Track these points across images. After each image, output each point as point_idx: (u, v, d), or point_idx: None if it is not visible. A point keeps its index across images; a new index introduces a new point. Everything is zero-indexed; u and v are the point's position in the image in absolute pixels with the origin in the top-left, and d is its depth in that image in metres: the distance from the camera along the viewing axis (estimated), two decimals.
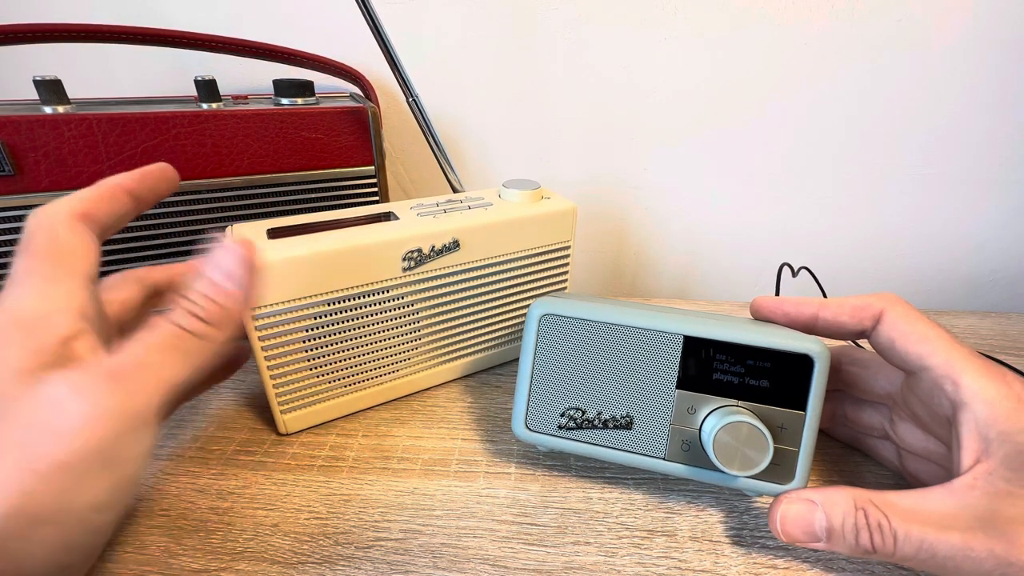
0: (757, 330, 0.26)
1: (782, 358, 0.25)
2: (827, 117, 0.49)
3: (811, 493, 0.24)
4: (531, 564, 0.25)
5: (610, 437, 0.28)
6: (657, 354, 0.27)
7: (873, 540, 0.22)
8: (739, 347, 0.26)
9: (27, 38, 0.33)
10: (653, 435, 0.27)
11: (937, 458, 0.27)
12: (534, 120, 0.51)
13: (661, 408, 0.27)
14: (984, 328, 0.47)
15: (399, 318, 0.33)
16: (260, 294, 0.28)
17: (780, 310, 0.28)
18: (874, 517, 0.22)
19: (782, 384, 0.26)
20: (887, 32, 0.45)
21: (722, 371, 0.26)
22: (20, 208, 0.32)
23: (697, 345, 0.26)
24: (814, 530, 0.23)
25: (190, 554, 0.25)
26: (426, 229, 0.32)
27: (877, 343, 0.26)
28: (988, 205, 0.53)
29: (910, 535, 0.22)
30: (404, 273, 0.32)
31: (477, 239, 0.34)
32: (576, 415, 0.28)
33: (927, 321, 0.25)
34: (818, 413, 0.25)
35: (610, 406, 0.28)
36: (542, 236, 0.36)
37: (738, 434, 0.25)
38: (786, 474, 0.26)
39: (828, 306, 0.27)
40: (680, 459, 0.27)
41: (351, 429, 0.34)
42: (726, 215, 0.55)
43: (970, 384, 0.23)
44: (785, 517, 0.24)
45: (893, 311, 0.26)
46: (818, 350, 0.25)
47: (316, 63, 0.43)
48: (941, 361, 0.24)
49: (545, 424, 0.28)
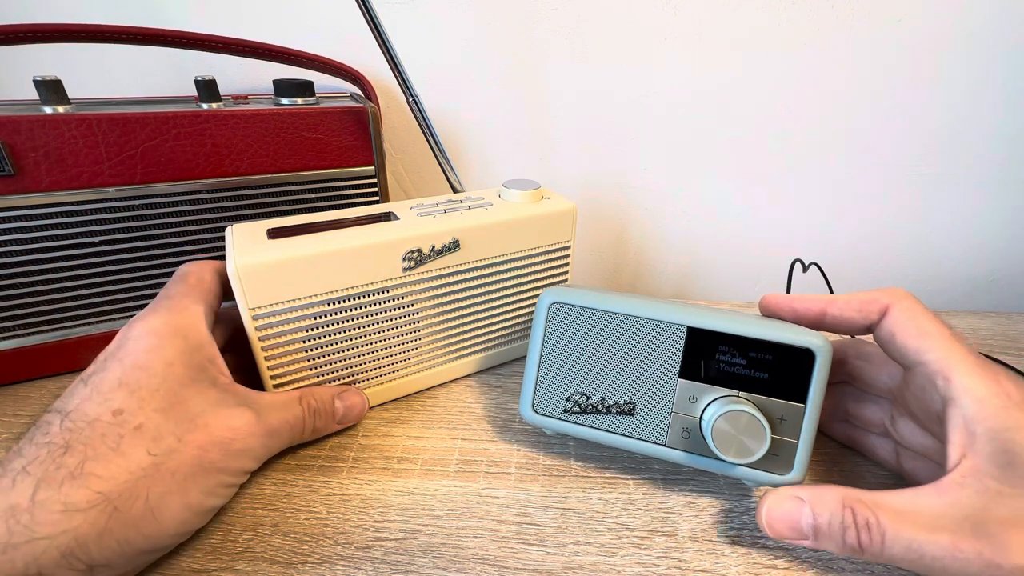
0: (760, 323, 0.27)
1: (784, 351, 0.26)
2: (827, 117, 0.49)
3: (800, 490, 0.24)
4: (531, 564, 0.25)
5: (613, 422, 0.29)
6: (661, 344, 0.27)
7: (860, 539, 0.22)
8: (741, 339, 0.26)
9: (27, 38, 0.33)
10: (655, 422, 0.28)
11: (934, 455, 0.27)
12: (534, 121, 0.51)
13: (663, 396, 0.27)
14: (984, 328, 0.47)
15: (399, 318, 0.33)
16: (261, 294, 0.28)
17: (788, 307, 0.28)
18: (862, 516, 0.22)
19: (783, 376, 0.26)
20: (887, 32, 0.45)
21: (724, 362, 0.27)
22: (20, 208, 0.32)
23: (700, 336, 0.27)
24: (800, 527, 0.24)
25: (190, 554, 0.25)
26: (426, 229, 0.32)
27: (879, 337, 0.27)
28: (988, 205, 0.53)
29: (899, 535, 0.22)
30: (404, 273, 0.32)
31: (477, 239, 0.34)
32: (581, 400, 0.29)
33: (930, 317, 0.25)
34: (818, 406, 0.26)
35: (614, 392, 0.28)
36: (542, 236, 0.36)
37: (737, 423, 0.25)
38: (784, 465, 0.26)
39: (836, 302, 0.27)
40: (680, 446, 0.28)
41: (351, 429, 0.34)
42: (726, 215, 0.55)
43: (960, 380, 0.23)
44: (771, 512, 0.24)
45: (899, 306, 0.26)
46: (819, 344, 0.25)
47: (316, 63, 0.43)
48: (936, 357, 0.24)
49: (551, 407, 0.30)
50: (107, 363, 0.25)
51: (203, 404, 0.25)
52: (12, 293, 0.34)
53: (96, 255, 0.35)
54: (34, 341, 0.36)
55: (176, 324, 0.26)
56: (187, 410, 0.25)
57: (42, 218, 0.33)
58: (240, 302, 0.28)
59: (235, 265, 0.27)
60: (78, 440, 0.22)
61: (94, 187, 0.34)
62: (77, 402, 0.23)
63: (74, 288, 0.35)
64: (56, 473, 0.21)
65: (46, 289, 0.35)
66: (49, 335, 0.36)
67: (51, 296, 0.35)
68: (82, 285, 0.35)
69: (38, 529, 0.20)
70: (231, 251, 0.28)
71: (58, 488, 0.21)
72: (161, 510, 0.23)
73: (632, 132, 0.51)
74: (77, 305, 0.36)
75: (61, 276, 0.35)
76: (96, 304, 0.36)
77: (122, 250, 0.36)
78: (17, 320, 0.35)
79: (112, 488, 0.22)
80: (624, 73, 0.48)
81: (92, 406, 0.23)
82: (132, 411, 0.23)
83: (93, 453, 0.22)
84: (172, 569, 0.25)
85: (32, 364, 0.36)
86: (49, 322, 0.36)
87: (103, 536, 0.21)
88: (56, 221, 0.33)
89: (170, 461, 0.23)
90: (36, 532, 0.20)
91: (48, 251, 0.34)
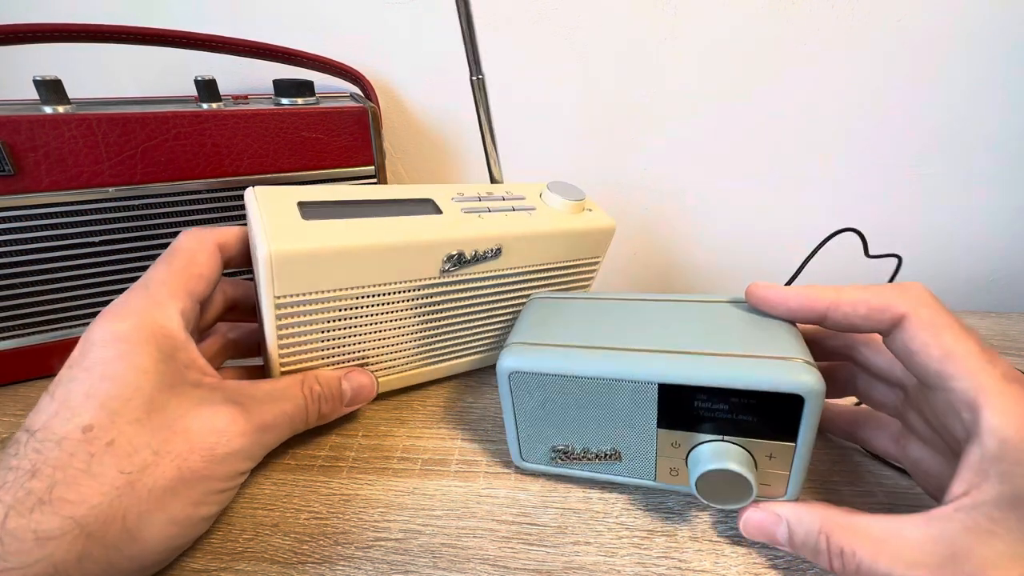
0: (740, 360, 0.24)
1: (769, 397, 0.23)
2: (827, 117, 0.49)
3: (781, 507, 0.24)
4: (531, 564, 0.25)
5: (601, 467, 0.28)
6: (633, 400, 0.25)
7: (832, 565, 0.22)
8: (720, 389, 0.24)
9: (27, 38, 0.33)
10: (641, 465, 0.28)
11: (942, 449, 0.25)
12: (534, 120, 0.51)
13: (645, 444, 0.27)
14: (984, 328, 0.47)
15: (423, 316, 0.32)
16: (290, 283, 0.26)
17: (784, 305, 0.25)
18: (836, 544, 0.22)
19: (770, 418, 0.24)
20: (888, 32, 0.45)
21: (704, 409, 0.25)
22: (20, 208, 0.32)
23: (674, 390, 0.24)
24: (777, 540, 0.24)
25: (190, 554, 0.25)
26: (471, 233, 0.30)
27: (893, 348, 0.24)
28: (988, 205, 0.53)
29: (877, 567, 0.21)
30: (441, 275, 0.31)
31: (520, 247, 0.33)
32: (565, 450, 0.29)
33: (955, 330, 0.22)
34: (811, 441, 0.24)
35: (595, 443, 0.28)
36: (580, 250, 0.36)
37: (721, 478, 0.24)
38: (777, 491, 0.26)
39: (840, 305, 0.24)
40: (671, 481, 0.28)
41: (351, 429, 0.34)
42: (726, 215, 0.55)
43: (988, 418, 0.20)
44: (749, 521, 0.25)
45: (916, 317, 0.22)
46: (809, 387, 0.22)
47: (316, 63, 0.43)
48: (963, 387, 0.21)
49: (538, 458, 0.29)
50: (74, 373, 0.23)
51: (182, 407, 0.24)
52: (12, 293, 0.34)
53: (96, 255, 0.35)
54: (34, 341, 0.36)
55: (148, 329, 0.24)
56: (164, 417, 0.23)
57: (42, 218, 0.33)
58: (264, 286, 0.26)
59: (268, 249, 0.25)
60: (46, 462, 0.20)
61: (94, 187, 0.34)
62: (45, 419, 0.22)
63: (74, 288, 0.35)
64: (26, 499, 0.20)
65: (46, 289, 0.35)
66: (49, 335, 0.36)
67: (51, 296, 0.35)
68: (82, 285, 0.35)
69: (10, 559, 0.19)
70: (260, 227, 0.26)
71: (28, 515, 0.19)
72: (141, 530, 0.21)
73: (631, 132, 0.51)
74: (77, 305, 0.36)
75: (61, 276, 0.35)
76: (96, 304, 0.36)
77: (122, 250, 0.36)
78: (17, 320, 0.35)
79: (85, 512, 0.20)
80: (623, 73, 0.48)
81: (60, 423, 0.21)
82: (103, 426, 0.22)
83: (63, 476, 0.20)
84: (172, 569, 0.25)
85: (32, 364, 0.36)
86: (49, 322, 0.36)
87: (83, 561, 0.20)
88: (56, 221, 0.33)
89: (145, 477, 0.22)
90: (8, 562, 0.19)
91: (48, 251, 0.34)
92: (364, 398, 0.32)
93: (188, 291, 0.26)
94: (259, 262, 0.26)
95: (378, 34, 0.46)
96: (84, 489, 0.21)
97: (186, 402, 0.24)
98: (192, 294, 0.27)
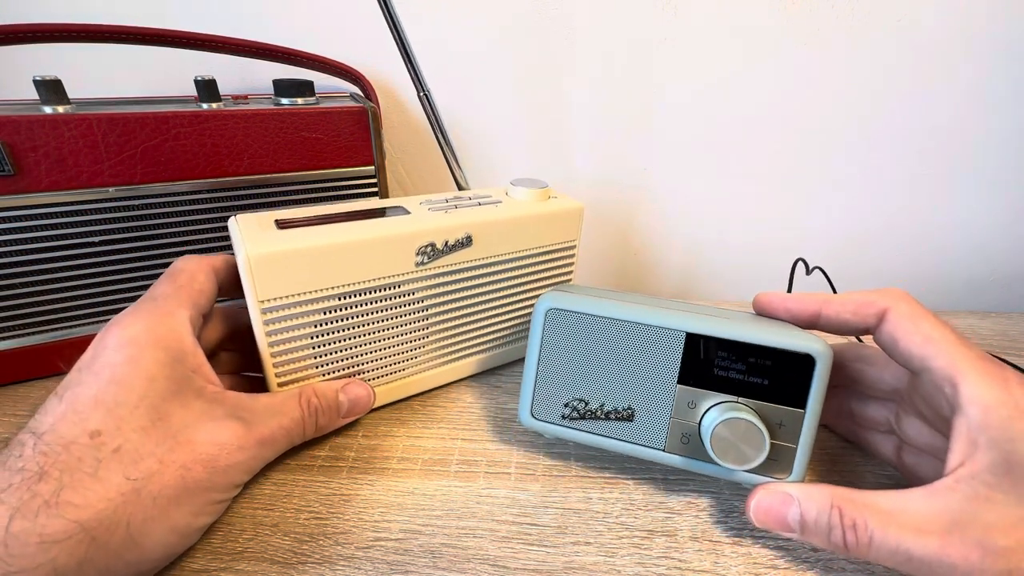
0: (759, 328, 0.26)
1: (784, 357, 0.25)
2: (827, 117, 0.49)
3: (791, 487, 0.25)
4: (531, 564, 0.25)
5: (611, 428, 0.29)
6: (659, 350, 0.27)
7: (846, 539, 0.22)
8: (741, 345, 0.26)
9: (27, 38, 0.33)
10: (653, 427, 0.28)
11: (941, 454, 0.27)
12: (534, 121, 0.51)
13: (662, 402, 0.27)
14: (984, 328, 0.47)
15: (408, 315, 0.33)
16: (272, 286, 0.28)
17: (783, 306, 0.28)
18: (849, 516, 0.23)
19: (783, 382, 0.26)
20: (887, 32, 0.45)
21: (723, 367, 0.26)
22: (20, 208, 0.32)
23: (699, 342, 0.26)
24: (787, 522, 0.24)
25: (190, 554, 0.25)
26: (440, 223, 0.32)
27: (881, 341, 0.26)
28: (989, 205, 0.53)
29: (887, 537, 0.22)
30: (417, 268, 0.32)
31: (489, 235, 0.34)
32: (579, 406, 0.29)
33: (932, 320, 0.25)
34: (818, 411, 0.25)
35: (612, 398, 0.28)
36: (551, 234, 0.36)
37: (735, 430, 0.25)
38: (783, 469, 0.26)
39: (831, 303, 0.27)
40: (679, 451, 0.28)
41: (351, 429, 0.34)
42: (727, 215, 0.55)
43: (967, 389, 0.22)
44: (759, 505, 0.25)
45: (897, 309, 0.25)
46: (820, 349, 0.25)
47: (316, 63, 0.43)
48: (943, 363, 0.23)
49: (550, 413, 0.29)
50: (82, 376, 0.23)
51: (187, 418, 0.24)
52: (12, 293, 0.34)
53: (96, 255, 0.35)
54: (34, 341, 0.36)
55: (158, 333, 0.25)
56: (169, 426, 0.24)
57: (42, 218, 0.33)
58: (249, 294, 0.27)
59: (246, 254, 0.26)
60: (53, 465, 0.21)
61: (94, 187, 0.34)
62: (51, 421, 0.22)
63: (74, 288, 0.35)
64: (32, 502, 0.20)
65: (46, 289, 0.35)
66: (49, 335, 0.36)
67: (51, 296, 0.35)
68: (82, 285, 0.35)
69: (13, 562, 0.19)
70: (240, 241, 0.27)
71: (33, 518, 0.19)
72: (143, 537, 0.22)
73: (632, 132, 0.51)
74: (77, 305, 0.36)
75: (61, 276, 0.35)
76: (96, 304, 0.36)
77: (122, 250, 0.36)
78: (17, 320, 0.35)
79: (90, 517, 0.20)
80: (624, 73, 0.48)
81: (67, 427, 0.22)
82: (110, 432, 0.22)
83: (70, 480, 0.21)
84: (172, 569, 0.25)
85: (32, 364, 0.36)
86: (49, 322, 0.36)
87: (83, 566, 0.20)
88: (56, 221, 0.33)
89: (151, 485, 0.22)
90: (11, 565, 0.19)
91: (48, 251, 0.34)
92: (361, 410, 0.32)
93: (193, 303, 0.27)
94: (242, 270, 0.27)
95: (378, 34, 0.46)
96: (90, 493, 0.21)
97: (191, 414, 0.25)
98: (197, 306, 0.28)
